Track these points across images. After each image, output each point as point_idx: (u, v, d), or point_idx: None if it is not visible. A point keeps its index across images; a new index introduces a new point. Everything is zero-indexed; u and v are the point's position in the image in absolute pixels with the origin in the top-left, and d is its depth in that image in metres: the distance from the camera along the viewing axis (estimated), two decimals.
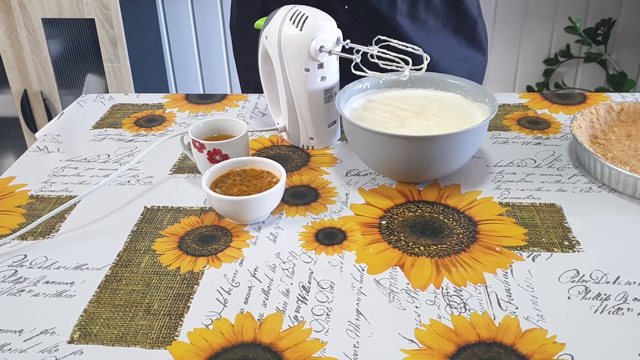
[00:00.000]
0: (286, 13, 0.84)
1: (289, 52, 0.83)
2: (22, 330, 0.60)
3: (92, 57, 1.93)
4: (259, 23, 0.90)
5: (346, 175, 0.84)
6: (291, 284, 0.65)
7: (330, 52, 0.83)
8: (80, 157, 0.91)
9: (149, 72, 2.10)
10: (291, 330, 0.59)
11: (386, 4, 0.98)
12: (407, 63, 0.79)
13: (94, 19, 1.84)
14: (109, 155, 0.91)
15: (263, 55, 0.90)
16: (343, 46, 0.84)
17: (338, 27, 0.85)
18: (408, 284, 0.64)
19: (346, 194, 0.80)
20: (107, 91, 1.95)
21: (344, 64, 0.89)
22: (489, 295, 0.62)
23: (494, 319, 0.59)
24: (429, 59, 0.79)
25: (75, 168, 0.88)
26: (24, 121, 2.02)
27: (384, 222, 0.74)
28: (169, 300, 0.63)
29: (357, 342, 0.57)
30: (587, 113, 0.89)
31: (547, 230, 0.72)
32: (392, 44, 0.82)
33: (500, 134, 0.94)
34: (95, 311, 0.62)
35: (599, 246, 0.69)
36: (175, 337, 0.58)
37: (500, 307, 0.61)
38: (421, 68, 0.79)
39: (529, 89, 2.10)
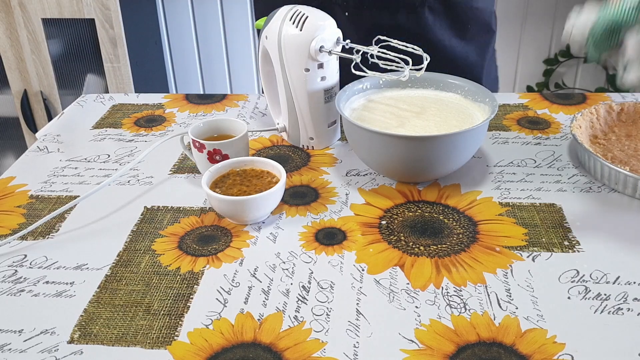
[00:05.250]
0: (286, 13, 0.84)
1: (289, 52, 0.83)
2: (22, 330, 0.60)
3: (92, 57, 1.93)
4: (259, 23, 0.90)
5: (346, 175, 0.84)
6: (291, 284, 0.65)
7: (330, 52, 0.83)
8: (80, 157, 0.91)
9: (149, 72, 2.10)
10: (291, 330, 0.59)
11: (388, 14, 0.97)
12: (407, 63, 0.79)
13: (94, 19, 1.84)
14: (109, 155, 0.91)
15: (263, 55, 0.90)
16: (343, 46, 0.84)
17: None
18: (408, 284, 0.64)
19: (346, 194, 0.80)
20: (107, 91, 1.95)
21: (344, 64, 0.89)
22: (489, 295, 0.62)
23: (494, 319, 0.59)
24: (428, 59, 0.79)
25: (75, 168, 0.88)
26: (24, 121, 2.02)
27: (384, 222, 0.74)
28: (169, 300, 0.63)
29: (357, 342, 0.57)
30: (587, 113, 0.89)
31: (547, 230, 0.72)
32: (392, 44, 0.81)
33: (500, 134, 0.94)
34: (95, 311, 0.62)
35: (599, 246, 0.69)
36: (175, 337, 0.58)
37: (500, 307, 0.61)
38: (421, 68, 0.79)
39: (529, 89, 2.10)
